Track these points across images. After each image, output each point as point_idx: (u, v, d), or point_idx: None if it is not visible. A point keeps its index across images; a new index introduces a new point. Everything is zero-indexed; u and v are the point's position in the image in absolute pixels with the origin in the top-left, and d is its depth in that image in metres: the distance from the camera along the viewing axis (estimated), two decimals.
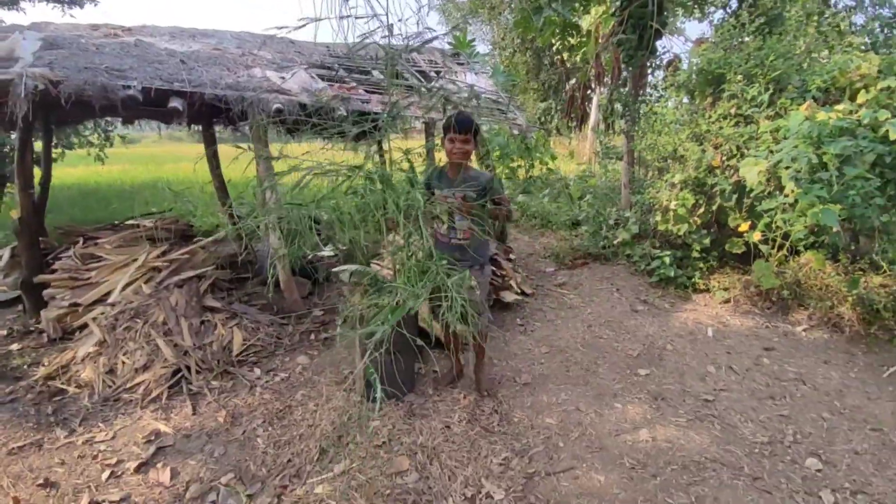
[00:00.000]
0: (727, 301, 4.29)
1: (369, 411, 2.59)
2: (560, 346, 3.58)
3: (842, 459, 2.41)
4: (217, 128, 6.11)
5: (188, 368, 3.07)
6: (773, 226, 3.77)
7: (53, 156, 7.90)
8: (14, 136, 6.76)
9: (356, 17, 2.12)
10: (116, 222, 4.99)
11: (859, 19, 7.20)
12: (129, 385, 2.95)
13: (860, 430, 2.65)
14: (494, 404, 2.82)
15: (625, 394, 2.96)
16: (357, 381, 2.85)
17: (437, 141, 3.05)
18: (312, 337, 3.70)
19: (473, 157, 2.65)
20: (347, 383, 2.97)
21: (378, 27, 2.25)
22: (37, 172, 5.29)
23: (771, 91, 4.22)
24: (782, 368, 3.30)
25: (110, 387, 2.97)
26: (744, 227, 4.08)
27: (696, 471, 2.32)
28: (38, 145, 5.95)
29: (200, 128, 5.96)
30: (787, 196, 3.59)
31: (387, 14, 2.25)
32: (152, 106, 3.12)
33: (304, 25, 2.23)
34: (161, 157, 19.55)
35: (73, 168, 12.80)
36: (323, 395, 2.91)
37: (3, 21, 9.53)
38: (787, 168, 3.49)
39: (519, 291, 4.39)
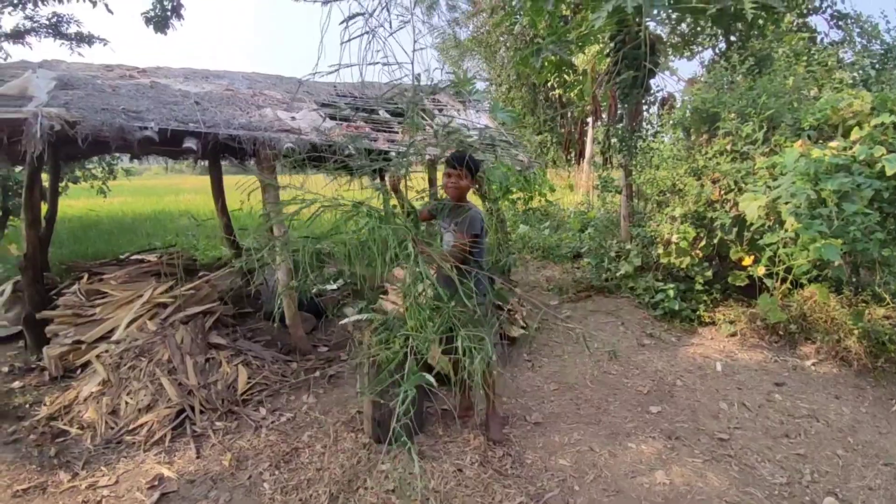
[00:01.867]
0: (734, 334, 4.28)
1: (379, 454, 2.53)
2: (569, 382, 3.54)
3: (857, 496, 2.38)
4: (223, 162, 6.21)
5: (192, 408, 3.01)
6: (777, 259, 3.81)
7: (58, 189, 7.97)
8: (19, 169, 6.83)
9: (383, 64, 2.20)
10: (122, 257, 4.98)
11: (847, 55, 7.47)
12: (132, 426, 2.88)
13: (873, 465, 2.64)
14: (507, 446, 2.76)
15: (638, 433, 2.91)
16: (366, 421, 2.80)
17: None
18: (318, 374, 3.65)
19: (471, 193, 2.75)
20: (356, 424, 2.91)
21: (403, 76, 2.31)
22: (42, 207, 5.33)
23: (765, 129, 4.36)
24: (795, 405, 3.27)
25: (112, 428, 2.90)
26: (747, 260, 4.13)
27: None
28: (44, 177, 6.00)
29: (207, 162, 6.05)
30: (787, 230, 3.66)
31: (412, 63, 2.32)
32: (167, 145, 3.18)
33: (334, 71, 2.31)
34: (162, 189, 19.72)
35: (75, 200, 12.88)
36: (330, 436, 2.84)
37: (9, 55, 9.66)
38: (786, 203, 3.57)
39: (524, 325, 4.37)
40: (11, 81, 3.23)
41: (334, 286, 4.66)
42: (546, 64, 6.31)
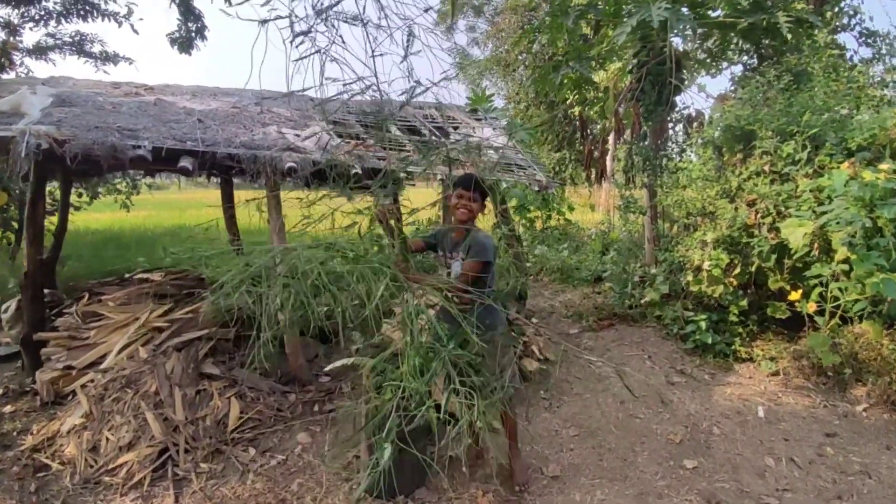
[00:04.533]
0: (775, 373, 3.86)
1: None
2: (591, 427, 3.19)
3: None
4: (236, 179, 6.13)
5: (176, 447, 2.78)
6: (828, 294, 3.43)
7: (79, 203, 8.01)
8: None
9: (344, 83, 2.01)
10: (126, 276, 4.86)
11: (878, 72, 7.08)
12: (111, 466, 2.66)
13: None
14: None
15: (671, 493, 2.55)
16: (363, 470, 2.51)
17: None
18: (316, 409, 3.39)
19: (481, 217, 2.53)
20: (350, 471, 2.63)
21: (368, 87, 2.10)
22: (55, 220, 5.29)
23: (808, 149, 4.00)
24: (847, 459, 2.88)
25: (92, 466, 2.69)
26: (794, 295, 3.73)
27: None
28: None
29: (219, 179, 5.96)
30: (838, 262, 3.29)
31: (375, 74, 2.11)
32: (162, 164, 3.04)
33: (295, 93, 2.11)
34: (184, 202, 20.09)
35: (99, 214, 13.10)
36: (323, 485, 2.57)
37: (31, 71, 9.77)
38: (837, 232, 3.20)
39: (541, 358, 4.04)
40: (5, 98, 3.15)
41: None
42: (565, 81, 6.09)
